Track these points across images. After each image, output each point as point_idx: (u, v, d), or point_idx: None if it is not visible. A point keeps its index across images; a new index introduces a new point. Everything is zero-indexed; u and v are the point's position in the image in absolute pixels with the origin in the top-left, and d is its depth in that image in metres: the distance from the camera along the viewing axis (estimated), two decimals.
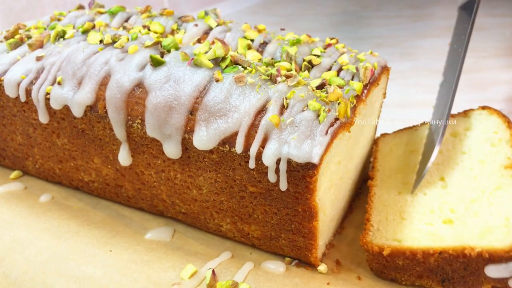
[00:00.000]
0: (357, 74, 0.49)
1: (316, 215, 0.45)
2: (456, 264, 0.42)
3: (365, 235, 0.47)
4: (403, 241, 0.45)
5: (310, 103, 0.43)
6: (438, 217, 0.47)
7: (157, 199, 0.55)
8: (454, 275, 0.43)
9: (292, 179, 0.43)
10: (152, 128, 0.47)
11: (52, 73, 0.53)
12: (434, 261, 0.43)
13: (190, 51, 0.51)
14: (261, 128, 0.43)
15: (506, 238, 0.41)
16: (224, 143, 0.45)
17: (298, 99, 0.43)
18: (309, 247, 0.47)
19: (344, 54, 0.51)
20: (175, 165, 0.50)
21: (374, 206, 0.51)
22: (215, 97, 0.45)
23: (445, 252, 0.42)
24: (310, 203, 0.44)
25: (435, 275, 0.44)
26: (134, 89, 0.49)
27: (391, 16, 1.56)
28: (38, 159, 0.61)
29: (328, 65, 0.50)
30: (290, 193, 0.44)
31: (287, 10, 1.81)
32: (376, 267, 0.47)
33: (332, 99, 0.43)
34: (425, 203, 0.49)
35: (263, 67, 0.48)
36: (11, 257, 0.50)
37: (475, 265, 0.41)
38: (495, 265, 0.40)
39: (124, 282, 0.47)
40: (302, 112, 0.43)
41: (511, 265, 0.40)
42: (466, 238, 0.43)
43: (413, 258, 0.44)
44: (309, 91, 0.44)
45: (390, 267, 0.45)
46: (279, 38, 0.55)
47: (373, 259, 0.46)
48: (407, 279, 0.46)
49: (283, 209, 0.46)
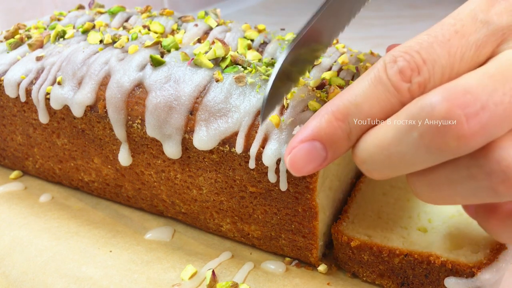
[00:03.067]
0: (357, 74, 0.49)
1: (316, 215, 0.45)
2: (419, 270, 0.43)
3: (339, 224, 0.47)
4: (373, 237, 0.46)
5: (310, 103, 0.43)
6: (414, 223, 0.47)
7: (157, 199, 0.55)
8: (414, 281, 0.44)
9: (292, 179, 0.43)
10: (152, 128, 0.47)
11: (52, 73, 0.53)
12: (398, 262, 0.44)
13: (190, 51, 0.51)
14: (261, 128, 0.43)
15: (473, 256, 0.42)
16: (224, 143, 0.45)
17: (299, 99, 0.43)
18: (309, 247, 0.47)
19: (344, 54, 0.51)
20: (175, 165, 0.50)
21: (356, 200, 0.51)
22: (215, 97, 0.45)
23: (410, 255, 0.43)
24: (310, 203, 0.44)
25: (396, 277, 0.44)
26: (134, 89, 0.49)
27: (391, 16, 1.56)
28: (38, 159, 0.61)
29: (328, 65, 0.50)
30: (290, 193, 0.44)
31: (287, 10, 1.81)
32: (341, 257, 0.47)
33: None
34: (405, 208, 0.50)
35: (263, 67, 0.48)
36: (11, 257, 0.50)
37: (437, 275, 0.42)
38: (456, 278, 0.41)
39: (124, 283, 0.47)
40: (302, 112, 0.43)
41: (470, 282, 0.40)
42: (435, 248, 0.43)
43: (378, 255, 0.44)
44: (309, 91, 0.44)
45: (355, 260, 0.46)
46: (279, 38, 0.56)
47: (340, 249, 0.47)
48: (368, 276, 0.46)
49: (283, 209, 0.46)
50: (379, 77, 0.33)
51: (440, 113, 0.29)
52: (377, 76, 0.33)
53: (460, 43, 0.32)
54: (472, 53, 0.32)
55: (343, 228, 0.47)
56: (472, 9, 0.33)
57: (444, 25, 0.33)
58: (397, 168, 0.33)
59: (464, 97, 0.29)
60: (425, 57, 0.32)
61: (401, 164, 0.32)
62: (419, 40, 0.33)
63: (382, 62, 0.34)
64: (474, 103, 0.29)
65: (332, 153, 0.35)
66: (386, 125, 0.33)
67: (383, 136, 0.33)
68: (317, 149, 0.35)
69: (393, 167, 0.33)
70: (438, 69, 0.32)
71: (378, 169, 0.34)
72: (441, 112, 0.29)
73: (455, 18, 0.33)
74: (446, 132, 0.29)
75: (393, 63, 0.33)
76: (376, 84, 0.33)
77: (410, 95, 0.32)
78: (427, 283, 0.43)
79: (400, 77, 0.32)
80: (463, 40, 0.32)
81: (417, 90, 0.32)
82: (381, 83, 0.33)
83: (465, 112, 0.28)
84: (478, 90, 0.29)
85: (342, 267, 0.48)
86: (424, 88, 0.32)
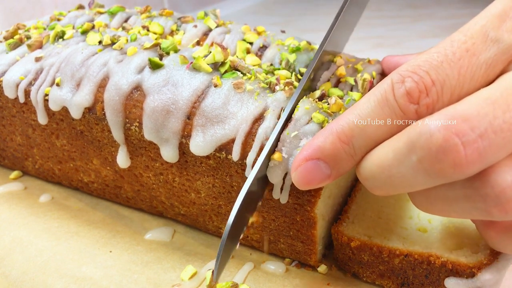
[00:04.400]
0: (356, 86, 0.48)
1: (315, 225, 0.45)
2: (419, 270, 0.43)
3: (339, 225, 0.47)
4: (373, 238, 0.46)
5: (314, 115, 0.42)
6: (415, 224, 0.47)
7: (156, 200, 0.55)
8: (414, 281, 0.44)
9: (294, 192, 0.43)
10: (150, 132, 0.47)
11: (51, 74, 0.53)
12: (398, 263, 0.44)
13: (189, 54, 0.50)
14: (259, 137, 0.43)
15: (473, 256, 0.42)
16: (220, 150, 0.44)
17: (304, 112, 0.43)
18: (308, 252, 0.47)
19: (341, 67, 0.50)
20: (173, 168, 0.49)
21: (356, 200, 0.51)
22: (213, 102, 0.45)
23: (410, 256, 0.43)
24: (309, 214, 0.44)
25: (396, 277, 0.45)
26: (132, 91, 0.49)
27: (391, 16, 1.56)
28: (37, 160, 0.61)
29: (326, 77, 0.50)
30: (289, 203, 0.44)
31: (287, 10, 1.81)
32: (341, 258, 0.47)
33: (335, 110, 0.43)
34: (406, 209, 0.50)
35: (262, 75, 0.48)
36: (11, 257, 0.50)
37: (437, 275, 0.42)
38: (456, 278, 0.41)
39: (124, 283, 0.47)
40: (307, 125, 0.42)
41: (470, 282, 0.40)
42: (435, 248, 0.43)
43: (378, 255, 0.44)
44: (312, 103, 0.44)
45: (355, 260, 0.46)
46: (278, 43, 0.55)
47: (340, 249, 0.47)
48: (368, 276, 0.46)
49: (281, 217, 0.46)
50: (385, 98, 0.33)
51: (437, 140, 0.29)
52: (384, 97, 0.33)
53: (471, 63, 0.31)
54: (482, 72, 0.32)
55: (343, 228, 0.47)
56: (483, 25, 0.32)
57: (454, 42, 0.32)
58: (397, 188, 0.33)
59: (463, 124, 0.28)
60: (434, 78, 0.31)
61: (401, 184, 0.33)
62: (428, 59, 0.32)
63: (389, 81, 0.33)
64: (472, 131, 0.28)
65: (337, 171, 0.36)
66: (388, 146, 0.33)
67: (384, 157, 0.33)
68: (321, 167, 0.36)
69: (394, 187, 0.33)
70: (447, 89, 0.31)
71: (380, 187, 0.34)
72: (438, 140, 0.29)
73: (466, 34, 0.32)
74: (443, 159, 0.29)
75: (401, 84, 0.32)
76: (382, 106, 0.33)
77: (417, 116, 0.32)
78: (427, 284, 0.43)
79: (407, 99, 0.32)
80: (473, 58, 0.32)
81: (425, 112, 0.32)
82: (387, 105, 0.33)
83: (463, 140, 0.28)
84: (478, 118, 0.29)
85: (342, 267, 0.48)
86: (432, 109, 0.32)
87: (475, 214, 0.32)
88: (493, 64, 0.32)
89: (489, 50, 0.32)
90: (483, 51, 0.32)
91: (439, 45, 0.33)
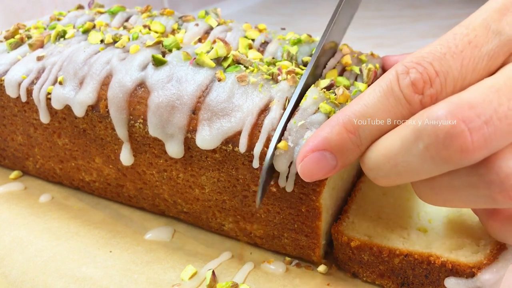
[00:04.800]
0: (361, 75, 0.49)
1: (319, 215, 0.45)
2: (419, 270, 0.43)
3: (339, 225, 0.48)
4: (373, 238, 0.46)
5: (321, 106, 0.42)
6: (415, 223, 0.47)
7: (159, 198, 0.55)
8: (414, 281, 0.44)
9: (299, 181, 0.43)
10: (155, 128, 0.47)
11: (53, 73, 0.53)
12: (398, 263, 0.44)
13: (192, 50, 0.51)
14: (265, 128, 0.43)
15: (473, 256, 0.42)
16: (227, 143, 0.45)
17: (311, 101, 0.43)
18: (312, 246, 0.48)
19: (347, 55, 0.51)
20: (177, 164, 0.50)
21: (356, 200, 0.51)
22: (218, 96, 0.45)
23: (410, 256, 0.43)
24: (314, 204, 0.44)
25: (396, 277, 0.45)
26: (136, 88, 0.49)
27: (391, 16, 1.56)
28: (38, 159, 0.61)
29: (332, 64, 0.50)
30: (294, 193, 0.44)
31: (287, 10, 1.81)
32: (341, 257, 0.47)
33: (342, 101, 0.43)
34: (405, 208, 0.50)
35: (264, 66, 0.48)
36: (11, 257, 0.50)
37: (437, 275, 0.42)
38: (456, 278, 0.41)
39: (124, 283, 0.47)
40: (314, 115, 0.42)
41: (470, 282, 0.40)
42: (435, 248, 0.43)
43: (378, 255, 0.44)
44: (320, 93, 0.44)
45: (355, 260, 0.46)
46: (280, 37, 0.56)
47: (340, 249, 0.47)
48: (368, 276, 0.46)
49: (286, 208, 0.46)
50: (391, 89, 0.34)
51: (445, 127, 0.29)
52: (389, 88, 0.34)
53: (473, 54, 0.32)
54: (485, 64, 0.32)
55: (343, 228, 0.47)
56: (484, 18, 0.33)
57: (457, 35, 0.33)
58: (403, 177, 0.34)
59: (469, 111, 0.29)
60: (438, 69, 0.32)
61: (407, 173, 0.33)
62: (432, 50, 0.33)
63: (394, 72, 0.34)
64: (478, 118, 0.29)
65: (342, 162, 0.37)
66: (394, 135, 0.33)
67: (390, 146, 0.33)
68: (327, 158, 0.36)
69: (399, 175, 0.34)
70: (450, 81, 0.32)
71: (385, 177, 0.35)
72: (446, 126, 0.29)
73: (468, 27, 0.33)
74: (450, 145, 0.30)
75: (406, 75, 0.33)
76: (388, 96, 0.34)
77: (422, 106, 0.33)
78: (427, 283, 0.43)
79: (412, 89, 0.33)
80: (475, 50, 0.32)
81: (429, 102, 0.32)
82: (393, 95, 0.33)
83: (469, 127, 0.29)
84: (483, 105, 0.29)
85: (342, 267, 0.48)
86: (436, 100, 0.32)
87: (480, 202, 0.32)
88: (494, 56, 0.32)
89: (491, 42, 0.32)
90: (485, 43, 0.32)
91: (442, 38, 0.34)
